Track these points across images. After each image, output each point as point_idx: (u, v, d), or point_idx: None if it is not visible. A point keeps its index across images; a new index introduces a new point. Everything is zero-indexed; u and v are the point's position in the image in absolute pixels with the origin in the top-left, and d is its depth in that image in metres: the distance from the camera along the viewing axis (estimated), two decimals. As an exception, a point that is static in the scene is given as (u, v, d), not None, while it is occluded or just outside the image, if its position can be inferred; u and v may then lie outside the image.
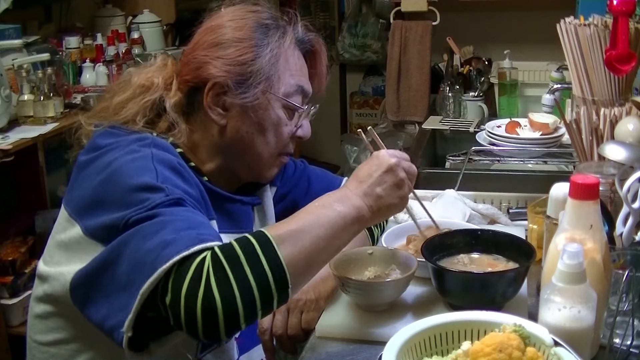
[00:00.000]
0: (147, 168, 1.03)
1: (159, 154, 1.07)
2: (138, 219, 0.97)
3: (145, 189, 1.00)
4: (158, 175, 1.03)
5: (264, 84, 1.16)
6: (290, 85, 1.20)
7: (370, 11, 4.22)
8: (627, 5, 1.50)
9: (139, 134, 1.14)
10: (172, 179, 1.04)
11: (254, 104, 1.16)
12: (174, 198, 1.00)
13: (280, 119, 1.20)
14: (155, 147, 1.09)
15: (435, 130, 2.58)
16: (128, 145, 1.09)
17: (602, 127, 1.47)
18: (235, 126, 1.18)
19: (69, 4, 3.11)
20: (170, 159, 1.08)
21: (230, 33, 1.16)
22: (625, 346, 1.05)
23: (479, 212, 1.55)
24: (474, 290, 1.16)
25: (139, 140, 1.10)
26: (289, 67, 1.20)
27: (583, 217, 1.01)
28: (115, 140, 1.11)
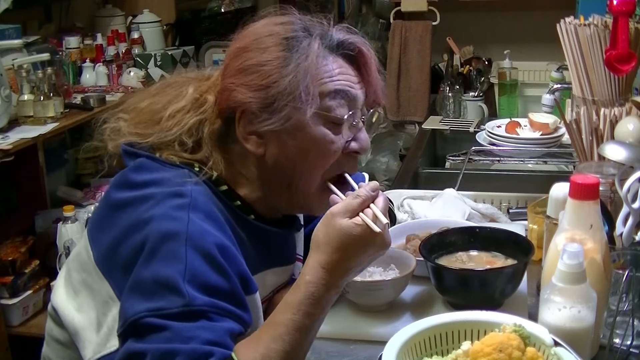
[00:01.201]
0: (176, 256, 0.94)
1: (195, 232, 0.97)
2: (147, 325, 0.92)
3: (167, 287, 0.93)
4: (187, 269, 0.94)
5: (292, 103, 1.04)
6: (327, 92, 1.07)
7: (370, 11, 4.22)
8: (627, 5, 1.50)
9: (176, 170, 1.06)
10: (202, 275, 0.95)
11: (287, 127, 1.05)
12: (190, 311, 0.92)
13: (324, 135, 1.06)
14: (194, 211, 0.99)
15: (435, 130, 2.58)
16: (164, 200, 1.00)
17: (602, 127, 1.47)
18: (274, 154, 1.08)
19: (69, 4, 3.11)
20: (208, 239, 0.97)
21: (255, 57, 1.07)
22: (625, 346, 1.05)
23: (478, 212, 1.55)
24: (473, 288, 1.16)
25: (177, 196, 1.00)
26: (322, 75, 1.06)
27: (583, 217, 1.01)
28: (152, 180, 1.04)
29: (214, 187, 1.07)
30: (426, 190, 1.71)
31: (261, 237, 1.12)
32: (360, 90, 1.11)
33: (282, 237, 1.17)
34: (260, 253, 1.11)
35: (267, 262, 1.13)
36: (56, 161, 2.74)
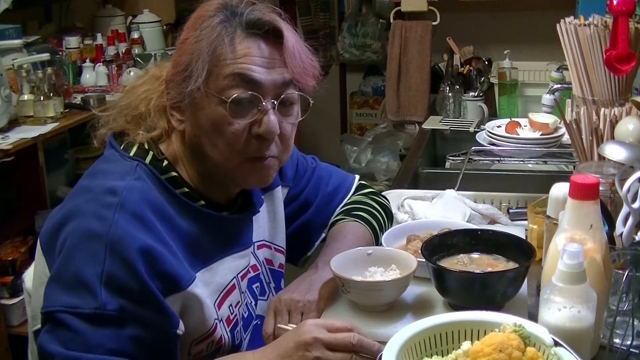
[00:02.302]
0: (96, 257, 0.97)
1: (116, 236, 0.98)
2: (60, 321, 0.96)
3: (84, 285, 0.97)
4: (104, 272, 0.97)
5: (196, 81, 1.05)
6: (225, 74, 1.05)
7: (370, 11, 4.22)
8: (627, 5, 1.50)
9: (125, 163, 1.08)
10: (117, 280, 0.97)
11: (192, 104, 1.07)
12: (102, 315, 0.96)
13: (221, 117, 1.06)
14: (121, 211, 1.00)
15: (435, 130, 2.58)
16: (98, 197, 1.02)
17: (602, 127, 1.47)
18: (189, 131, 1.10)
19: (69, 4, 3.11)
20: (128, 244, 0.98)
21: (182, 35, 1.11)
22: (625, 346, 1.05)
23: (479, 212, 1.55)
24: (474, 290, 1.16)
25: (110, 193, 1.02)
26: (224, 56, 1.05)
27: (583, 217, 1.01)
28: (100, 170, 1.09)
29: (161, 177, 1.08)
30: (426, 191, 1.71)
31: (213, 224, 1.12)
32: (270, 72, 1.07)
33: (236, 222, 1.18)
34: (214, 241, 1.12)
35: (224, 249, 1.14)
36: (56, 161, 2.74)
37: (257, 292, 1.25)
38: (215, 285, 1.12)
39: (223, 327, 1.14)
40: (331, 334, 1.01)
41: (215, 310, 1.11)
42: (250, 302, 1.23)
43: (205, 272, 1.10)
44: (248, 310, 1.22)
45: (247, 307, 1.22)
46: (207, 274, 1.10)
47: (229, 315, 1.15)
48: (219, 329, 1.12)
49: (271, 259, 1.30)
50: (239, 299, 1.17)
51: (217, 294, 1.12)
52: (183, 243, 1.06)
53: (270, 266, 1.30)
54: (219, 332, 1.12)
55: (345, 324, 1.04)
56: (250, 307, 1.23)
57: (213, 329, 1.10)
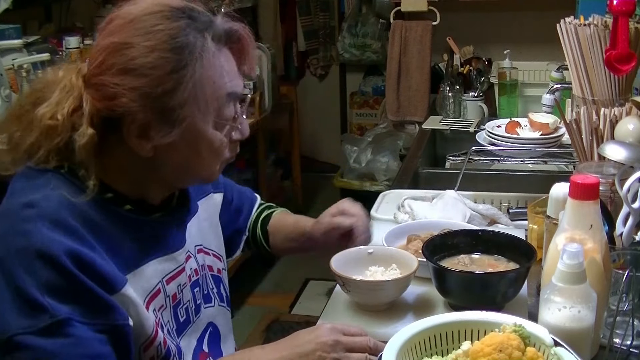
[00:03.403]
0: (31, 272, 0.93)
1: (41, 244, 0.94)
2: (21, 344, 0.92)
3: (29, 302, 0.92)
4: (41, 282, 0.93)
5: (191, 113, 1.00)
6: (221, 98, 1.04)
7: (370, 11, 4.22)
8: (627, 5, 1.50)
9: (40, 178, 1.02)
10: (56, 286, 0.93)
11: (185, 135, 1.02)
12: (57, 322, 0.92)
13: (217, 139, 1.06)
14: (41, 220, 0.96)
15: (435, 130, 2.58)
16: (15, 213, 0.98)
17: (602, 127, 1.47)
18: (165, 158, 1.04)
19: (69, 4, 3.11)
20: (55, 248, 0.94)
21: (141, 57, 0.98)
22: (625, 346, 1.05)
23: (479, 213, 1.55)
24: (474, 291, 1.16)
25: (27, 207, 0.97)
26: (215, 78, 1.03)
27: (583, 217, 1.01)
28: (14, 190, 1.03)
29: (79, 184, 1.01)
30: (426, 191, 1.71)
31: (138, 228, 1.07)
32: (241, 80, 1.09)
33: (165, 225, 1.12)
34: (138, 245, 1.07)
35: (149, 252, 1.08)
36: (56, 161, 2.73)
37: (198, 296, 1.20)
38: (141, 290, 1.06)
39: (160, 331, 1.08)
40: (349, 337, 1.04)
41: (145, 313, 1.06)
42: (191, 306, 1.17)
43: (131, 276, 1.04)
44: (186, 315, 1.16)
45: (181, 311, 1.16)
46: (134, 278, 1.04)
47: (161, 320, 1.09)
48: (160, 333, 1.07)
49: (211, 265, 1.27)
50: (163, 303, 1.10)
51: (143, 298, 1.06)
52: (109, 247, 1.01)
53: (211, 272, 1.26)
54: (160, 335, 1.07)
55: (357, 329, 1.07)
56: (189, 311, 1.17)
57: (154, 333, 1.05)
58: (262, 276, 3.80)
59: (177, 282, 1.13)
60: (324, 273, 1.48)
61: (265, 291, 3.68)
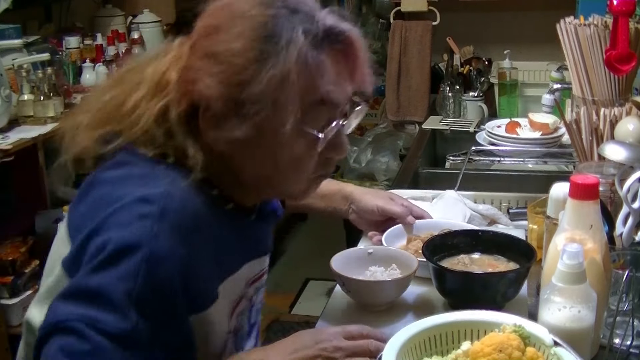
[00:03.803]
0: (129, 275, 0.83)
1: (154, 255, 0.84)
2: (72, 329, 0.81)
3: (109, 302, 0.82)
4: (135, 292, 0.83)
5: (267, 111, 0.89)
6: (309, 101, 0.91)
7: (370, 11, 4.22)
8: (627, 5, 1.50)
9: (152, 165, 0.93)
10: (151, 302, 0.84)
11: (257, 137, 0.92)
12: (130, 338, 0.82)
13: (302, 152, 0.94)
14: (160, 222, 0.86)
15: (435, 130, 2.58)
16: (131, 206, 0.87)
17: (602, 127, 1.47)
18: (242, 158, 0.95)
19: (69, 4, 3.11)
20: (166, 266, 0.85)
21: (225, 42, 0.91)
22: (625, 346, 1.05)
23: (479, 213, 1.55)
24: (474, 291, 1.16)
25: (145, 202, 0.87)
26: (307, 79, 0.90)
27: (583, 217, 1.01)
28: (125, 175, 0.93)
29: (191, 179, 0.92)
30: (426, 191, 1.71)
31: (241, 229, 1.02)
32: (347, 89, 0.96)
33: (261, 227, 1.09)
34: (240, 247, 1.02)
35: (247, 254, 1.05)
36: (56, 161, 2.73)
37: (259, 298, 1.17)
38: (233, 296, 1.02)
39: (232, 339, 1.05)
40: (350, 342, 1.01)
41: (228, 323, 1.02)
42: (257, 308, 1.15)
43: (229, 281, 0.99)
44: (255, 316, 1.15)
45: (253, 313, 1.14)
46: (230, 283, 0.99)
47: (236, 326, 1.06)
48: (229, 344, 1.04)
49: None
50: (244, 307, 1.08)
51: (232, 305, 1.03)
52: (214, 252, 0.95)
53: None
54: (228, 346, 1.04)
55: (360, 329, 1.04)
56: (253, 313, 1.14)
57: (224, 346, 1.02)
58: (262, 276, 3.79)
59: (256, 285, 1.10)
60: (324, 273, 1.48)
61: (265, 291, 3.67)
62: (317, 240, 4.12)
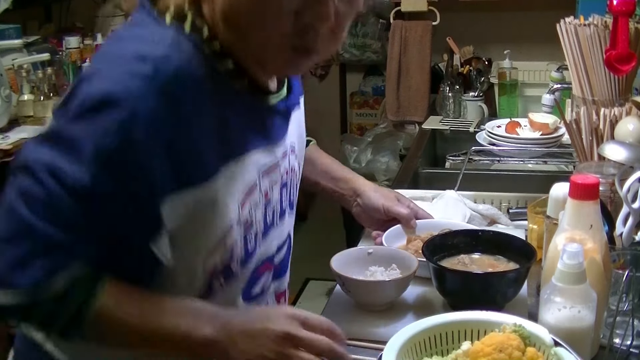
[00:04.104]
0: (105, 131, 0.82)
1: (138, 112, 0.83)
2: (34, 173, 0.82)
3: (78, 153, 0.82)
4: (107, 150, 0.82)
5: None
6: None
7: (370, 11, 4.22)
8: (627, 5, 1.50)
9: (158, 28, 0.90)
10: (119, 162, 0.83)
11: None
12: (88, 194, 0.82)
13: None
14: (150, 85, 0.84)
15: (435, 130, 2.58)
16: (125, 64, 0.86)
17: (602, 127, 1.47)
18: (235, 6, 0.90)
19: (69, 4, 3.12)
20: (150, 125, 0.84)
21: None
22: (625, 346, 1.05)
23: (479, 213, 1.55)
24: (474, 291, 1.16)
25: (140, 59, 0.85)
26: None
27: (583, 217, 1.01)
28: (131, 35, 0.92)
29: (202, 48, 0.91)
30: (426, 191, 1.71)
31: (250, 110, 0.98)
32: None
33: (275, 112, 1.03)
34: (248, 130, 0.97)
35: (255, 140, 0.99)
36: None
37: (285, 200, 1.10)
38: (242, 183, 0.96)
39: (239, 231, 0.98)
40: (304, 333, 0.91)
41: (237, 210, 0.96)
42: (277, 209, 1.07)
43: (233, 164, 0.94)
44: (272, 217, 1.06)
45: (269, 212, 1.05)
46: (235, 168, 0.94)
47: (247, 218, 0.99)
48: (234, 234, 0.97)
49: (295, 167, 1.14)
50: (257, 200, 1.00)
51: (242, 192, 0.96)
52: (216, 129, 0.91)
53: (294, 174, 1.14)
54: (233, 237, 0.97)
55: (323, 323, 0.95)
56: (275, 214, 1.07)
57: (228, 233, 0.95)
58: (262, 276, 3.79)
59: (271, 178, 1.03)
60: (324, 273, 1.48)
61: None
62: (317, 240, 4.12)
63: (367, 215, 1.43)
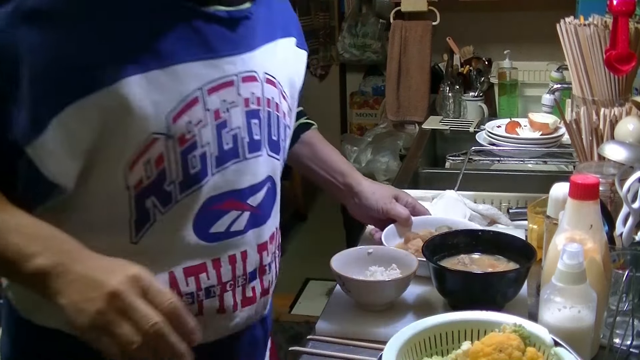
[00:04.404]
0: None
1: None
2: None
3: None
4: None
5: None
6: None
7: (370, 11, 4.22)
8: (627, 5, 1.50)
9: None
10: None
11: None
12: None
13: None
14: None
15: (435, 130, 2.58)
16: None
17: (602, 127, 1.47)
18: None
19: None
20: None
21: None
22: (625, 346, 1.05)
23: (479, 213, 1.55)
24: (474, 291, 1.16)
25: None
26: None
27: (583, 217, 1.01)
28: None
29: None
30: (426, 191, 1.71)
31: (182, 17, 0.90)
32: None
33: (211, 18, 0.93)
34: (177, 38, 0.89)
35: (189, 50, 0.90)
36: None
37: (257, 132, 0.99)
38: (173, 93, 0.88)
39: (172, 145, 0.89)
40: (137, 303, 0.78)
41: (165, 121, 0.88)
42: (242, 136, 0.97)
43: (159, 73, 0.87)
44: (233, 143, 0.96)
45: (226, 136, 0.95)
46: (162, 76, 0.87)
47: (184, 134, 0.90)
48: (160, 146, 0.88)
49: (282, 109, 1.05)
50: (202, 117, 0.91)
51: (173, 103, 0.88)
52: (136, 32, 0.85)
53: (277, 112, 1.04)
54: (159, 149, 0.88)
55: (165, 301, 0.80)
56: (239, 143, 0.97)
57: (151, 144, 0.87)
58: (262, 276, 3.80)
59: (222, 97, 0.93)
60: (324, 273, 1.48)
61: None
62: (317, 240, 4.13)
63: (364, 214, 1.41)
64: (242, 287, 1.02)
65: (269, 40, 1.03)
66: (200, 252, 0.96)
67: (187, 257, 0.95)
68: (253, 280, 1.04)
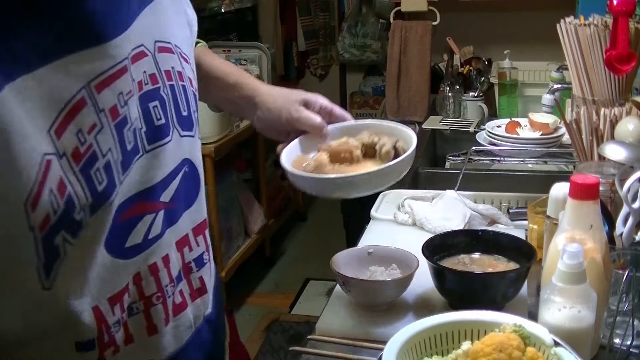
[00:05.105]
0: None
1: None
2: None
3: None
4: None
5: None
6: None
7: (370, 11, 4.22)
8: (627, 5, 1.50)
9: None
10: None
11: None
12: None
13: None
14: None
15: (435, 130, 2.59)
16: None
17: (602, 127, 1.47)
18: None
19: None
20: None
21: None
22: (625, 346, 1.05)
23: (479, 213, 1.55)
24: (474, 291, 1.16)
25: None
26: None
27: (583, 217, 1.01)
28: None
29: None
30: (426, 191, 1.71)
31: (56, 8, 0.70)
32: None
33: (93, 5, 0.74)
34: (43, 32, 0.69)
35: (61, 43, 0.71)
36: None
37: (158, 115, 0.84)
38: (48, 102, 0.69)
39: (66, 165, 0.71)
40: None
41: (49, 140, 0.69)
42: (140, 127, 0.81)
43: (28, 79, 0.67)
44: (136, 141, 0.80)
45: (128, 135, 0.78)
46: (32, 82, 0.68)
47: (77, 147, 0.72)
48: (56, 170, 0.70)
49: (186, 74, 0.91)
50: (92, 121, 0.73)
51: (52, 114, 0.70)
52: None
53: (190, 85, 0.91)
54: (56, 175, 0.70)
55: None
56: (142, 137, 0.81)
57: (42, 171, 0.68)
58: (262, 276, 3.80)
59: (116, 89, 0.76)
60: (324, 273, 1.48)
61: (265, 291, 3.68)
62: (317, 240, 4.13)
63: (269, 128, 1.18)
64: (171, 296, 0.90)
65: (146, 3, 0.84)
66: (121, 273, 0.82)
67: (107, 284, 0.80)
68: (180, 283, 0.92)
